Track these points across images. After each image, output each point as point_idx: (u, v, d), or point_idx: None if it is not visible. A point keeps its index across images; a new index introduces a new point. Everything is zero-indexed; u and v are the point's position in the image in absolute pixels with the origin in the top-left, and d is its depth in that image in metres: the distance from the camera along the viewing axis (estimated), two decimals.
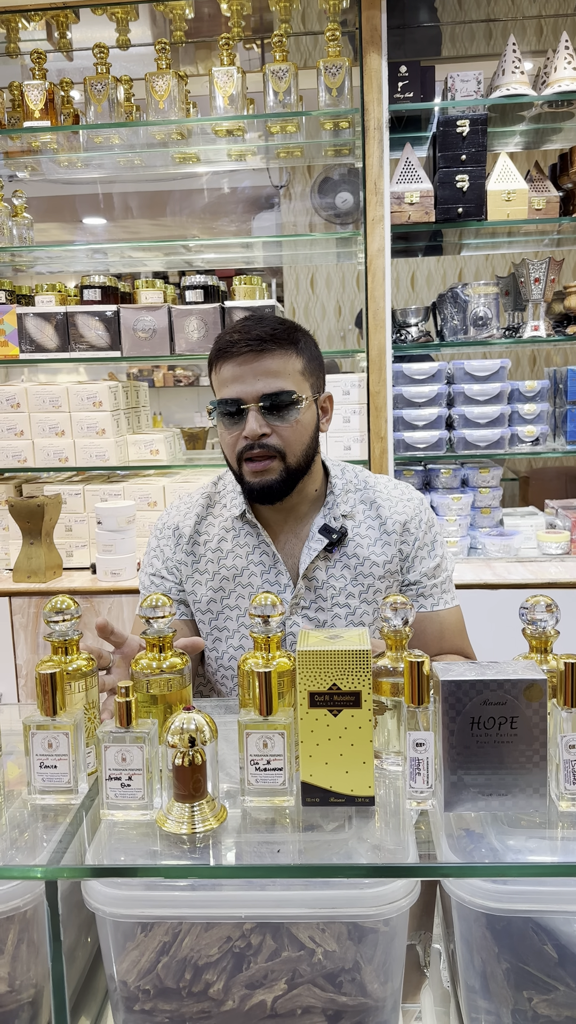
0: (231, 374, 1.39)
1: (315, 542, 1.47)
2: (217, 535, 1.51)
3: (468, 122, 2.62)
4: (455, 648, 1.52)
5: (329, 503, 1.50)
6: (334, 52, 2.66)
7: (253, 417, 1.37)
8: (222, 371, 1.40)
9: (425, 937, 1.17)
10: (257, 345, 1.38)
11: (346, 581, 1.48)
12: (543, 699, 0.94)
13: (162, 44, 2.74)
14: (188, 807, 0.92)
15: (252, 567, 1.48)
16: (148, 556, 1.57)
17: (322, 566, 1.47)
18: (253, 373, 1.38)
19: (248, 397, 1.38)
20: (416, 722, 0.95)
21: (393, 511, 1.51)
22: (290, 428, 1.40)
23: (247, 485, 1.42)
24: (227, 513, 1.52)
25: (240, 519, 1.50)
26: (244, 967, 0.94)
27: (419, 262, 4.99)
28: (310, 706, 0.95)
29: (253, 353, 1.38)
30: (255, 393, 1.37)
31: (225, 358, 1.40)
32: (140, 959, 0.96)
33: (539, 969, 0.96)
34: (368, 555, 1.49)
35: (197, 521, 1.53)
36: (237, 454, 1.41)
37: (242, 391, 1.38)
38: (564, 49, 2.60)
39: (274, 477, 1.40)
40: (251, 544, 1.49)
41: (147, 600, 1.05)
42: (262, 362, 1.38)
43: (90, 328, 2.81)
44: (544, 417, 2.79)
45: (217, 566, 1.50)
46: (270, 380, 1.38)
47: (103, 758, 0.94)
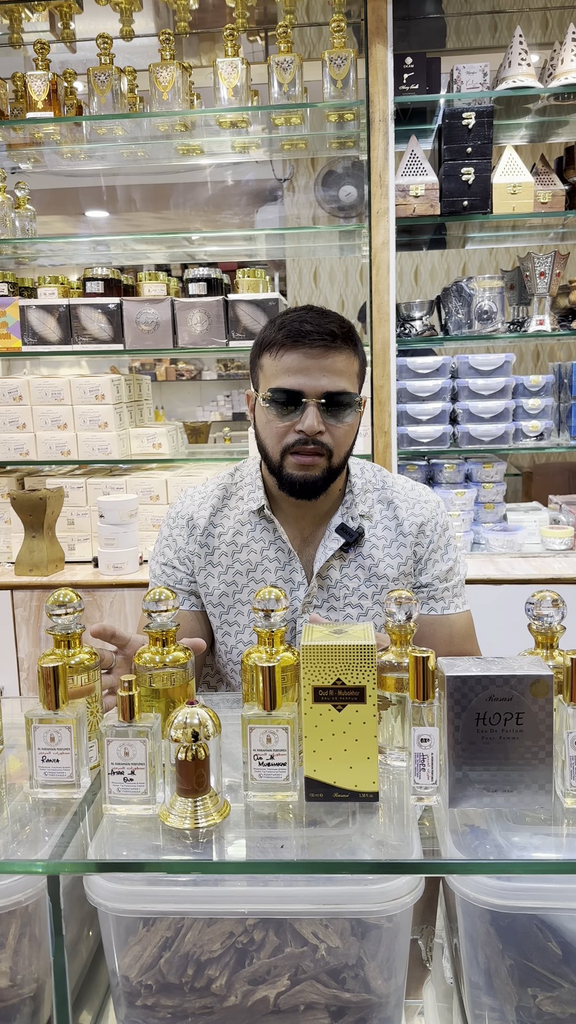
0: (297, 364, 1.35)
1: (332, 541, 1.45)
2: (232, 528, 1.50)
3: (474, 114, 2.60)
4: (464, 652, 1.51)
5: (348, 502, 1.49)
6: (339, 43, 2.64)
7: (313, 413, 1.34)
8: (285, 358, 1.36)
9: (427, 932, 1.16)
10: (331, 340, 1.35)
11: (359, 582, 1.47)
12: (549, 695, 0.93)
13: (166, 35, 2.73)
14: (191, 802, 0.92)
15: (267, 563, 1.47)
16: (159, 545, 1.55)
17: (336, 565, 1.46)
18: (320, 368, 1.35)
19: (311, 391, 1.35)
20: (421, 717, 0.94)
21: (410, 512, 1.50)
22: (343, 429, 1.39)
23: (288, 477, 1.39)
24: (244, 506, 1.50)
25: (257, 513, 1.49)
26: (247, 963, 0.94)
27: (422, 256, 4.97)
28: (314, 701, 0.94)
29: (324, 347, 1.35)
30: (319, 389, 1.35)
31: (293, 346, 1.35)
32: (142, 954, 0.95)
33: (543, 966, 0.96)
34: (383, 557, 1.48)
35: (212, 512, 1.51)
36: (285, 446, 1.38)
37: (306, 384, 1.35)
38: (571, 41, 2.58)
39: (318, 474, 1.38)
40: (267, 539, 1.48)
41: (150, 594, 1.04)
42: (330, 359, 1.35)
43: (93, 321, 2.79)
44: (548, 412, 2.77)
45: (231, 559, 1.48)
46: (335, 378, 1.36)
47: (106, 752, 0.94)
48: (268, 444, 1.41)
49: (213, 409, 6.33)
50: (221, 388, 6.47)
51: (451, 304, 2.86)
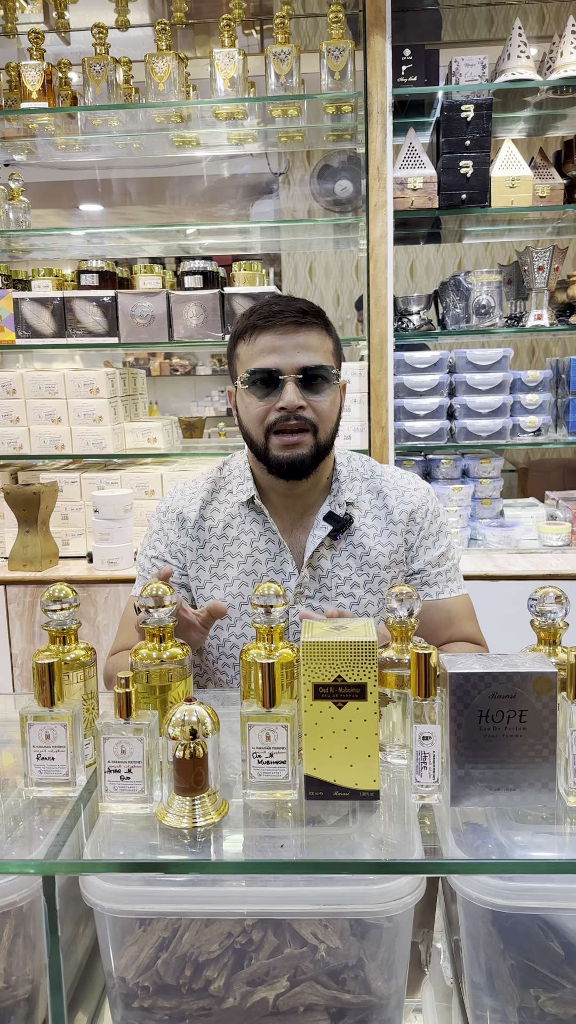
0: (270, 344, 1.37)
1: (320, 529, 1.45)
2: (223, 520, 1.49)
3: (473, 107, 2.58)
4: (464, 635, 1.50)
5: (334, 490, 1.49)
6: (337, 34, 2.62)
7: (291, 389, 1.36)
8: (258, 341, 1.38)
9: (427, 932, 1.15)
10: (301, 317, 1.37)
11: (351, 571, 1.46)
12: (553, 692, 0.92)
13: (162, 25, 2.70)
14: (189, 800, 0.90)
15: (257, 554, 1.47)
16: (149, 539, 1.55)
17: (327, 555, 1.46)
18: (293, 345, 1.37)
19: (287, 368, 1.36)
20: (423, 715, 0.93)
21: (400, 500, 1.50)
22: (325, 403, 1.40)
23: (276, 459, 1.39)
24: (233, 499, 1.50)
25: (247, 505, 1.48)
26: (245, 964, 0.92)
27: (419, 250, 4.95)
28: (314, 698, 0.93)
29: (295, 325, 1.37)
30: (295, 365, 1.36)
31: (263, 329, 1.37)
32: (139, 955, 0.94)
33: (545, 967, 0.95)
34: (374, 545, 1.47)
35: (202, 506, 1.51)
36: (267, 426, 1.38)
37: (280, 362, 1.36)
38: (570, 34, 2.56)
39: (305, 452, 1.39)
40: (257, 531, 1.47)
41: (147, 589, 1.03)
42: (302, 335, 1.37)
43: (87, 314, 2.77)
44: (546, 407, 2.76)
45: (222, 552, 1.48)
46: (309, 354, 1.38)
47: (102, 750, 0.92)
48: (251, 428, 1.41)
49: (208, 404, 6.31)
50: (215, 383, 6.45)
51: (449, 298, 2.84)
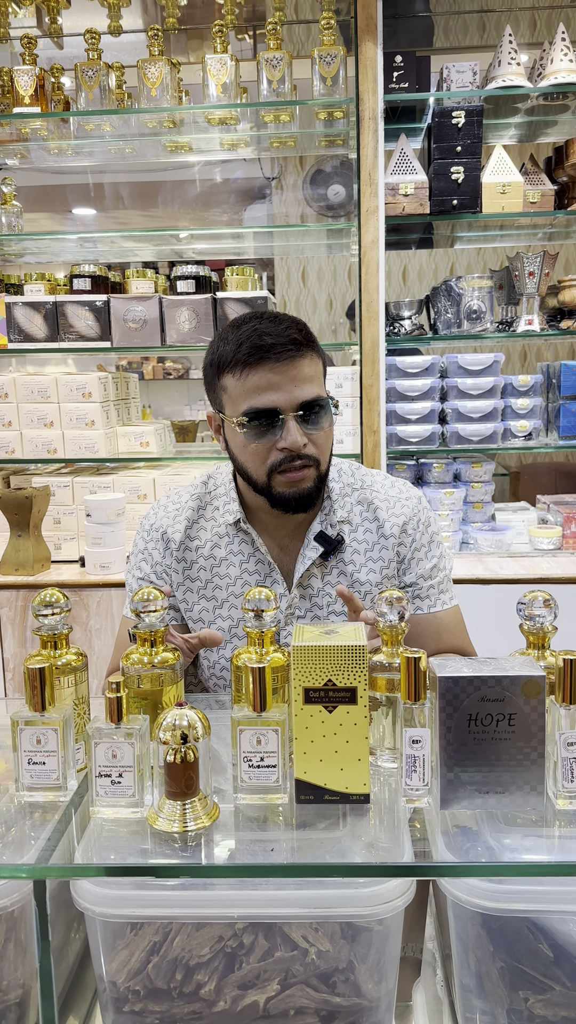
0: (266, 381, 1.28)
1: (310, 550, 1.41)
2: (210, 541, 1.45)
3: (464, 113, 2.60)
4: (453, 647, 1.48)
5: (326, 508, 1.44)
6: (329, 41, 2.63)
7: (294, 428, 1.28)
8: (251, 377, 1.28)
9: (417, 935, 1.15)
10: (295, 349, 1.29)
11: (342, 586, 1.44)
12: (541, 696, 0.92)
13: (155, 30, 2.71)
14: (180, 805, 0.91)
15: (246, 575, 1.43)
16: (135, 559, 1.50)
17: (317, 574, 1.42)
18: (290, 380, 1.28)
19: (286, 406, 1.28)
20: (412, 719, 0.94)
21: (391, 513, 1.45)
22: (323, 435, 1.33)
23: (281, 496, 1.33)
24: (220, 519, 1.45)
25: (234, 526, 1.44)
26: (236, 967, 0.93)
27: (411, 255, 4.97)
28: (305, 702, 0.93)
29: (290, 358, 1.28)
30: (293, 402, 1.29)
31: (258, 363, 1.28)
32: (130, 959, 0.94)
33: (535, 968, 0.95)
34: (364, 562, 1.44)
35: (188, 526, 1.46)
36: (270, 466, 1.31)
37: (279, 400, 1.28)
38: (561, 41, 2.58)
39: (309, 486, 1.33)
40: (246, 552, 1.43)
41: (138, 594, 1.03)
42: (297, 367, 1.29)
43: (80, 318, 2.77)
44: (537, 412, 2.78)
45: (210, 574, 1.44)
46: (306, 387, 1.30)
47: (93, 755, 0.92)
48: (250, 467, 1.34)
49: (201, 408, 6.30)
50: None
51: (440, 303, 2.86)
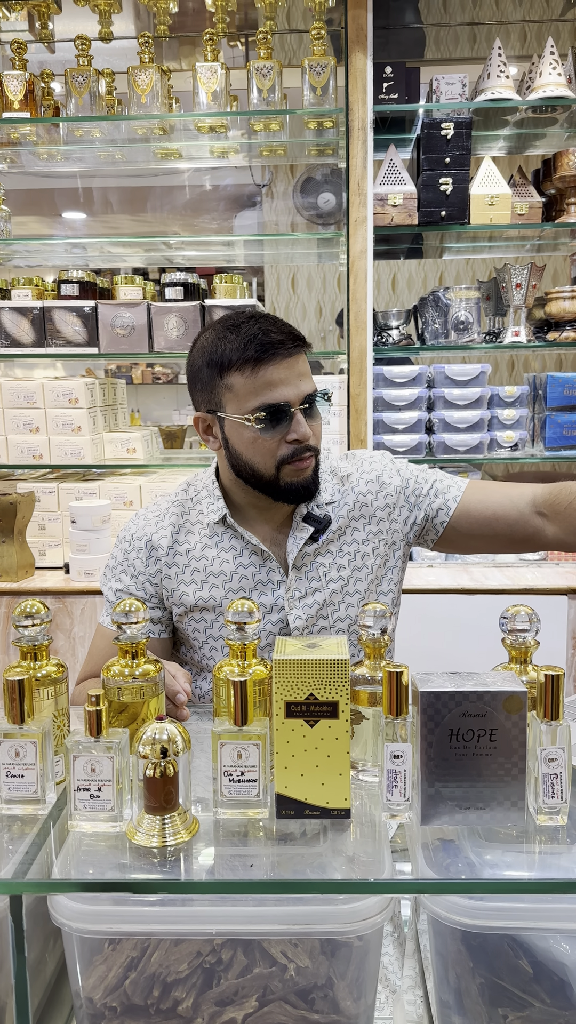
0: (277, 376, 1.33)
1: (301, 531, 1.44)
2: (200, 543, 1.46)
3: (453, 125, 2.61)
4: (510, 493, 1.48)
5: None
6: (319, 51, 2.64)
7: (303, 420, 1.35)
8: (263, 373, 1.33)
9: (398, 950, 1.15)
10: (301, 344, 1.36)
11: (333, 556, 1.46)
12: (523, 711, 0.92)
13: (145, 37, 2.71)
14: (159, 819, 0.90)
15: (242, 569, 1.44)
16: (113, 571, 1.49)
17: (310, 551, 1.45)
18: (297, 375, 1.35)
19: (295, 399, 1.35)
20: (394, 733, 0.93)
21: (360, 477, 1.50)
22: (320, 425, 1.41)
23: (290, 486, 1.38)
24: (205, 520, 1.46)
25: (220, 524, 1.45)
26: (214, 983, 0.92)
27: (400, 265, 4.99)
28: (286, 716, 0.93)
29: (296, 353, 1.36)
30: (300, 395, 1.35)
31: (268, 359, 1.33)
32: (107, 975, 0.93)
33: (514, 984, 0.95)
34: (365, 537, 1.47)
35: (174, 531, 1.47)
36: (280, 459, 1.36)
37: (289, 394, 1.34)
38: (550, 55, 2.60)
39: (311, 473, 1.40)
40: (238, 547, 1.45)
41: (120, 605, 1.02)
42: (299, 362, 1.36)
43: (67, 323, 2.76)
44: (523, 423, 2.79)
45: (204, 574, 1.45)
46: (308, 380, 1.38)
47: (72, 768, 0.92)
48: (258, 461, 1.37)
49: (190, 413, 6.28)
50: None
51: (428, 314, 2.86)
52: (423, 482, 1.51)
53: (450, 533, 1.50)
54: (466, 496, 1.49)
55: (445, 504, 1.49)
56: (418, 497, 1.50)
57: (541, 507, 1.45)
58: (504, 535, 1.48)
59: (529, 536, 1.47)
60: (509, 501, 1.47)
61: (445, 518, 1.48)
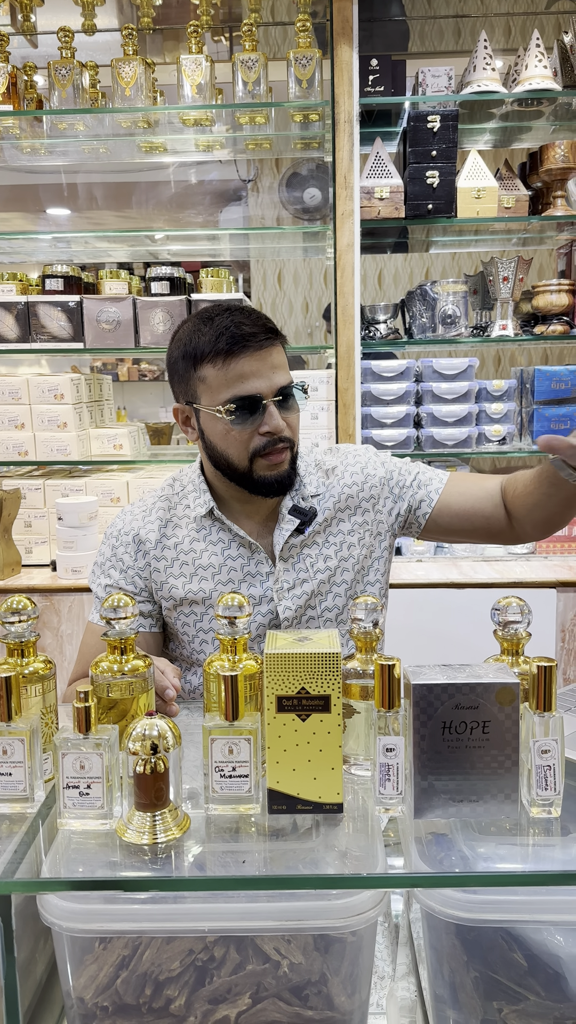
0: (249, 368, 1.34)
1: (287, 523, 1.45)
2: (188, 536, 1.46)
3: (439, 118, 2.60)
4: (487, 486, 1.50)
5: (297, 485, 1.48)
6: (304, 43, 2.63)
7: (276, 413, 1.35)
8: (235, 366, 1.33)
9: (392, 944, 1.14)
10: (274, 337, 1.36)
11: (319, 547, 1.46)
12: (515, 703, 0.92)
13: (129, 29, 2.68)
14: (149, 816, 0.89)
15: (231, 561, 1.45)
16: (102, 567, 1.49)
17: (296, 543, 1.46)
18: (270, 367, 1.35)
19: (267, 391, 1.35)
20: (387, 727, 0.92)
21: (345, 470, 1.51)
22: (295, 418, 1.41)
23: (262, 479, 1.38)
24: (192, 513, 1.47)
25: (208, 518, 1.46)
26: (207, 981, 0.91)
27: (387, 259, 4.98)
28: (278, 711, 0.92)
29: (269, 345, 1.35)
30: (273, 387, 1.35)
31: (241, 352, 1.33)
32: (98, 974, 0.92)
33: (509, 978, 0.94)
34: (334, 513, 1.48)
35: (162, 525, 1.47)
36: (253, 451, 1.36)
37: (262, 386, 1.34)
38: (535, 47, 2.60)
39: (287, 467, 1.40)
40: (226, 539, 1.45)
41: (108, 600, 1.01)
42: (274, 354, 1.36)
43: (52, 319, 2.74)
44: (511, 417, 2.79)
45: (193, 568, 1.45)
46: (282, 373, 1.37)
47: (60, 765, 0.90)
48: (231, 453, 1.38)
49: None
50: None
51: (415, 308, 2.86)
52: (406, 474, 1.53)
53: (431, 525, 1.52)
54: (447, 489, 1.51)
55: (427, 496, 1.51)
56: (402, 488, 1.52)
57: (503, 499, 1.47)
58: (482, 528, 1.50)
59: (503, 528, 1.48)
60: (486, 493, 1.49)
61: (427, 510, 1.50)
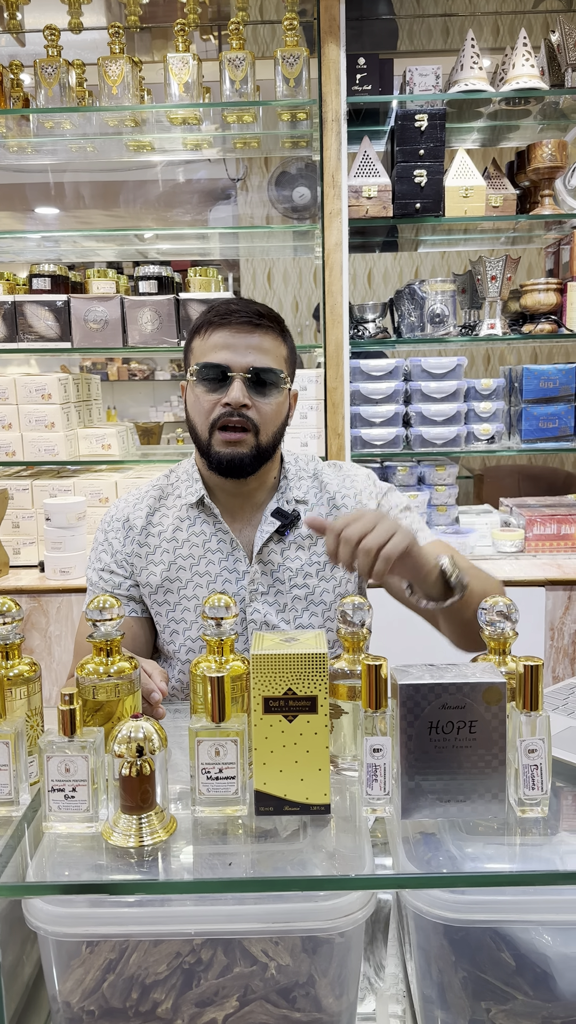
0: (223, 341, 1.38)
1: (267, 524, 1.45)
2: (172, 525, 1.48)
3: (426, 117, 2.60)
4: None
5: (283, 488, 1.49)
6: (292, 41, 2.62)
7: (238, 386, 1.37)
8: (212, 337, 1.39)
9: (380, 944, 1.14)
10: (256, 319, 1.39)
11: (301, 562, 1.46)
12: (502, 702, 0.92)
13: (115, 28, 2.67)
14: (135, 819, 0.88)
15: (209, 554, 1.46)
16: (95, 551, 1.52)
17: (277, 549, 1.46)
18: (246, 344, 1.38)
19: (236, 366, 1.37)
20: (374, 727, 0.92)
21: (341, 486, 1.52)
22: (269, 406, 1.40)
23: (216, 455, 1.39)
24: (181, 502, 1.49)
25: (196, 507, 1.48)
26: (194, 984, 0.90)
27: (376, 258, 4.98)
28: (264, 712, 0.91)
29: (250, 326, 1.39)
30: (244, 364, 1.38)
31: (219, 325, 1.39)
32: (85, 978, 0.91)
33: (497, 978, 0.94)
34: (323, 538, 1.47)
35: (149, 512, 1.50)
36: (212, 421, 1.39)
37: (231, 359, 1.38)
38: (522, 46, 2.60)
39: (245, 451, 1.39)
40: (208, 531, 1.47)
41: (94, 602, 1.00)
42: (256, 337, 1.39)
43: (39, 318, 2.72)
44: (499, 415, 2.79)
45: (173, 556, 1.46)
46: (260, 355, 1.39)
47: (46, 769, 0.90)
48: (196, 422, 1.42)
49: (167, 409, 6.26)
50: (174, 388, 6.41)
51: (404, 307, 2.86)
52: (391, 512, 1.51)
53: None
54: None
55: None
56: None
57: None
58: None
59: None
60: None
61: None
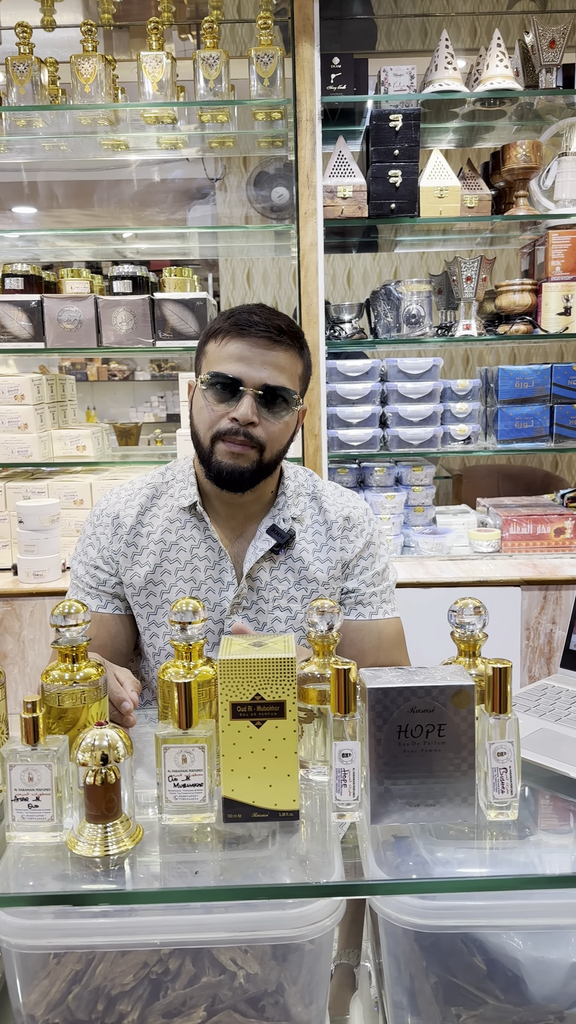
0: (239, 352, 1.35)
1: (262, 542, 1.42)
2: (161, 526, 1.45)
3: (401, 117, 2.60)
4: (392, 661, 1.48)
5: (280, 504, 1.46)
6: (266, 40, 2.61)
7: (249, 403, 1.34)
8: (228, 346, 1.36)
9: (353, 950, 1.13)
10: (276, 334, 1.36)
11: (289, 584, 1.44)
12: (471, 705, 0.91)
13: (88, 26, 2.65)
14: (101, 828, 0.87)
15: (196, 561, 1.43)
16: (82, 544, 1.49)
17: (266, 567, 1.43)
18: (262, 360, 1.35)
19: (249, 381, 1.34)
20: (343, 731, 0.91)
21: (337, 513, 1.49)
22: (277, 426, 1.38)
23: (217, 465, 1.37)
24: (174, 503, 1.46)
25: (188, 511, 1.45)
26: (161, 995, 0.89)
27: (355, 259, 4.98)
28: (232, 717, 0.90)
29: (269, 341, 1.35)
30: (258, 380, 1.35)
31: (237, 335, 1.35)
32: (50, 990, 0.90)
33: (468, 982, 0.94)
34: (313, 560, 1.45)
35: (140, 511, 1.47)
36: (216, 432, 1.36)
37: (245, 373, 1.35)
38: (496, 47, 2.60)
39: (247, 466, 1.37)
40: (197, 537, 1.44)
41: (59, 607, 0.99)
42: (273, 353, 1.36)
43: (12, 318, 2.70)
44: (475, 416, 2.79)
45: (159, 558, 1.44)
46: (275, 372, 1.36)
47: (8, 778, 0.88)
48: (200, 429, 1.39)
49: (147, 410, 6.23)
50: (155, 389, 6.38)
51: (380, 307, 2.85)
52: (368, 570, 1.49)
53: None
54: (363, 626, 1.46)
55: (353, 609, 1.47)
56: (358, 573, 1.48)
57: None
58: None
59: None
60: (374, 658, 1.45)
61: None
